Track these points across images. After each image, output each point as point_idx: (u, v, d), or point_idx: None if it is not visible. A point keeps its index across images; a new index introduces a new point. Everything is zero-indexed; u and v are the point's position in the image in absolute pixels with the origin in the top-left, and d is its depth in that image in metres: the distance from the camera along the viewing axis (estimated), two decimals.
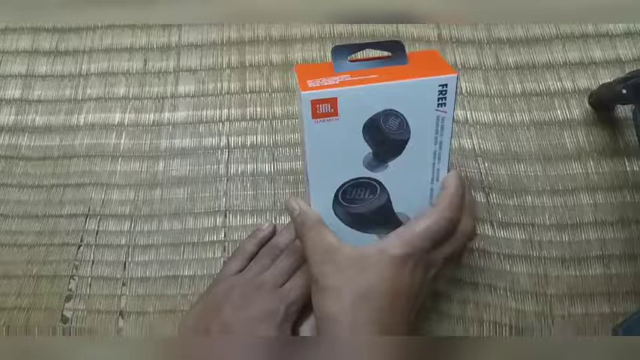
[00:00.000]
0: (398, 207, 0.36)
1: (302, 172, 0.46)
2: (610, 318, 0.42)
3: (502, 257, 0.44)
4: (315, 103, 0.31)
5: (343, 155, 0.33)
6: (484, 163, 0.47)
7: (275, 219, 0.47)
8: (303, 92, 0.31)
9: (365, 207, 0.35)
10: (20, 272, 0.46)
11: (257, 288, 0.38)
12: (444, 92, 0.32)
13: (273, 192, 0.47)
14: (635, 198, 0.45)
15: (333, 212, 0.35)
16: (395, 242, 0.31)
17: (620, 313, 0.42)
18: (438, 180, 0.35)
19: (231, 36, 0.54)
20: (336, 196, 0.35)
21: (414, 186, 0.35)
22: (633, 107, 0.42)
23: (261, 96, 0.51)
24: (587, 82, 0.50)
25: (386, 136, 0.33)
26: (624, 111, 0.48)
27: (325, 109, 0.31)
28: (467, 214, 0.34)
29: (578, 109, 0.49)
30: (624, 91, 0.41)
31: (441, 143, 0.34)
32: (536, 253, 0.44)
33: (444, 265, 0.33)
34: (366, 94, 0.31)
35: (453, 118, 0.33)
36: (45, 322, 0.44)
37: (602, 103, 0.48)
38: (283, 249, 0.41)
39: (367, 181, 0.34)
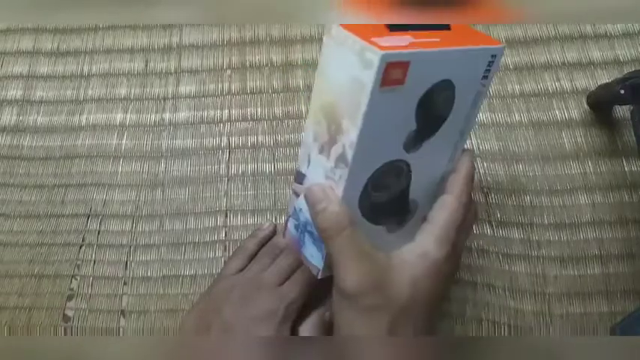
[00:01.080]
0: (412, 192, 0.31)
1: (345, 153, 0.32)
2: (608, 317, 0.43)
3: (501, 257, 0.45)
4: (390, 67, 0.24)
5: (392, 132, 0.27)
6: (483, 163, 0.47)
7: (275, 219, 0.47)
8: (380, 51, 0.23)
9: (386, 194, 0.30)
10: (22, 272, 0.46)
11: (257, 287, 0.38)
12: (491, 64, 0.28)
13: (273, 192, 0.48)
14: (633, 198, 0.46)
15: (357, 202, 0.29)
16: (431, 244, 0.29)
17: (619, 312, 0.43)
18: (452, 161, 0.31)
19: (232, 36, 0.54)
20: (366, 184, 0.28)
21: (432, 168, 0.31)
22: (631, 108, 0.42)
23: (261, 96, 0.51)
24: (586, 82, 0.50)
25: (436, 111, 0.28)
26: (622, 111, 0.48)
27: (397, 74, 0.24)
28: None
29: (576, 110, 0.49)
30: (622, 92, 0.41)
31: (469, 121, 0.30)
32: (534, 252, 0.45)
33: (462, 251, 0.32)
34: (436, 59, 0.26)
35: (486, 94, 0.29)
36: (47, 322, 0.44)
37: (601, 104, 0.48)
38: (283, 248, 0.42)
39: (398, 163, 0.29)
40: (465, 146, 0.32)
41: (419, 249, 0.29)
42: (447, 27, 0.28)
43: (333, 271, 0.29)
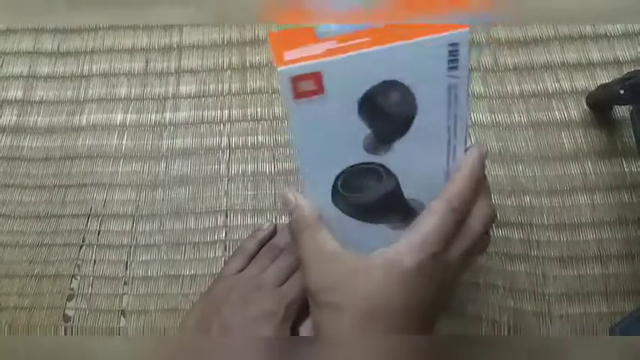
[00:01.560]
0: (409, 192, 0.30)
1: (295, 160, 0.40)
2: (608, 317, 0.43)
3: (501, 257, 0.45)
4: (295, 80, 0.25)
5: (337, 139, 0.28)
6: None
7: (275, 219, 0.47)
8: (279, 68, 0.25)
9: (369, 195, 0.30)
10: (22, 272, 0.46)
11: (257, 288, 0.38)
12: (454, 53, 0.26)
13: (273, 192, 0.48)
14: (632, 198, 0.46)
15: (333, 204, 0.30)
16: (404, 250, 0.27)
17: (618, 312, 0.43)
18: (455, 159, 0.30)
19: (232, 37, 0.54)
20: (334, 185, 0.29)
21: (428, 168, 0.30)
22: (631, 108, 0.42)
23: (262, 96, 0.51)
24: (585, 82, 0.50)
25: (387, 113, 0.27)
26: (622, 112, 0.48)
27: (308, 86, 0.25)
28: (482, 197, 0.29)
29: (576, 110, 0.49)
30: (622, 92, 0.41)
31: (455, 116, 0.28)
32: (534, 252, 0.45)
33: (464, 262, 0.29)
34: (358, 63, 0.25)
35: (468, 83, 0.27)
36: (47, 322, 0.45)
37: (600, 104, 0.48)
38: (283, 249, 0.42)
39: (369, 166, 0.29)
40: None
41: (389, 254, 0.27)
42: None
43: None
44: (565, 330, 0.43)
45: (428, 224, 0.27)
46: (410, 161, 0.29)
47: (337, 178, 0.29)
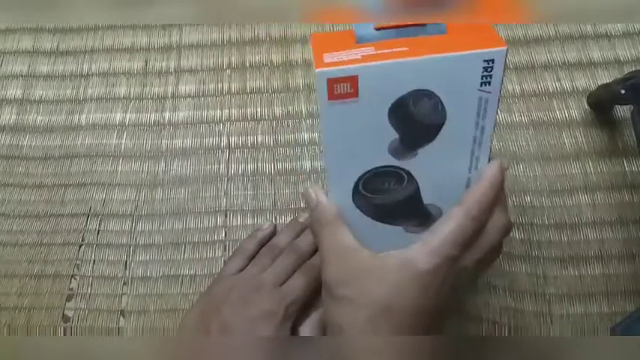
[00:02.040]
0: (428, 198, 0.31)
1: (321, 158, 0.41)
2: (608, 317, 0.43)
3: (501, 257, 0.45)
4: (332, 82, 0.26)
5: (365, 141, 0.29)
6: None
7: (275, 219, 0.47)
8: (317, 69, 0.26)
9: (389, 198, 0.31)
10: (21, 271, 0.46)
11: (256, 288, 0.38)
12: (489, 69, 0.26)
13: (273, 192, 0.48)
14: (633, 198, 0.46)
15: (353, 203, 0.31)
16: (421, 252, 0.28)
17: (619, 312, 0.43)
18: (477, 169, 0.30)
19: (232, 36, 0.54)
20: (356, 185, 0.30)
21: (449, 175, 0.30)
22: (632, 108, 0.42)
23: (261, 96, 0.51)
24: (586, 82, 0.50)
25: (416, 121, 0.28)
26: (623, 111, 0.48)
27: (344, 89, 0.26)
28: (500, 208, 0.29)
29: (576, 110, 0.49)
30: (623, 92, 0.41)
31: (482, 128, 0.29)
32: (535, 252, 0.45)
33: (477, 270, 0.30)
34: (393, 71, 0.26)
35: (499, 98, 0.28)
36: (46, 322, 0.44)
37: (601, 104, 0.48)
38: (283, 249, 0.42)
39: (393, 170, 0.30)
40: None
41: (405, 255, 0.28)
42: (442, 31, 0.28)
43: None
44: (566, 330, 0.43)
45: (446, 229, 0.28)
46: (432, 168, 0.30)
47: (360, 178, 0.30)
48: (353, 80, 0.26)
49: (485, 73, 0.27)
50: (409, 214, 0.32)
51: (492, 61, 0.26)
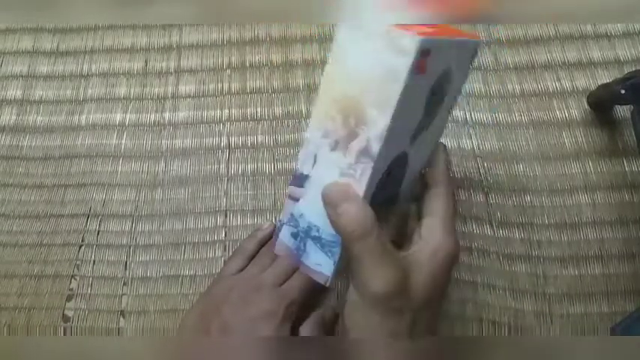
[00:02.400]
0: (403, 184, 0.31)
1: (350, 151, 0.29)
2: (608, 317, 0.43)
3: (501, 257, 0.45)
4: (423, 54, 0.24)
5: (406, 124, 0.27)
6: (483, 163, 0.47)
7: (275, 219, 0.47)
8: (419, 37, 0.23)
9: (391, 190, 0.30)
10: (21, 272, 0.46)
11: (256, 288, 0.38)
12: (474, 57, 0.28)
13: (273, 192, 0.48)
14: (633, 198, 0.46)
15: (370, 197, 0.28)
16: (439, 235, 0.29)
17: (619, 312, 0.43)
18: (428, 156, 0.31)
19: (232, 36, 0.54)
20: (381, 177, 0.28)
21: (419, 162, 0.31)
22: (632, 107, 0.42)
23: (261, 96, 0.51)
24: (586, 82, 0.50)
25: (438, 102, 0.28)
26: (623, 111, 0.48)
27: (423, 62, 0.24)
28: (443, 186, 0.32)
29: (576, 110, 0.49)
30: (623, 92, 0.41)
31: (448, 116, 0.30)
32: (535, 252, 0.45)
33: None
34: (447, 48, 0.25)
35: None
36: (46, 322, 0.44)
37: (601, 104, 0.48)
38: None
39: (402, 155, 0.28)
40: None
41: (431, 245, 0.29)
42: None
43: (354, 275, 0.27)
44: (566, 330, 0.43)
45: (445, 209, 0.30)
46: (418, 153, 0.30)
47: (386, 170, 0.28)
48: (428, 54, 0.24)
49: (472, 60, 0.29)
50: (385, 201, 0.30)
51: (477, 49, 0.29)
